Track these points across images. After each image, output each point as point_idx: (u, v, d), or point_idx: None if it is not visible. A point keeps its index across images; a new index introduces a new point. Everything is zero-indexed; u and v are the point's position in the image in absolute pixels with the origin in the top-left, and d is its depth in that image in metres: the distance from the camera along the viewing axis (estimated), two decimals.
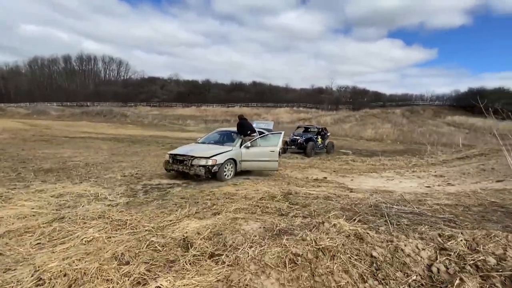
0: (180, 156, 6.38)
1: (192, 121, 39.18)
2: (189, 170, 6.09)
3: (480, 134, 36.08)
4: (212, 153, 6.26)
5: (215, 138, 7.88)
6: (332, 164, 9.35)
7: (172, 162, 6.47)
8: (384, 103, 59.31)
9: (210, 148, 6.75)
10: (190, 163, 6.11)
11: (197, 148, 6.82)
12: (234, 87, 70.32)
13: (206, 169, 6.00)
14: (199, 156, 6.18)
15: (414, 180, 6.56)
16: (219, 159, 6.17)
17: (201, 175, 6.01)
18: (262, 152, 6.85)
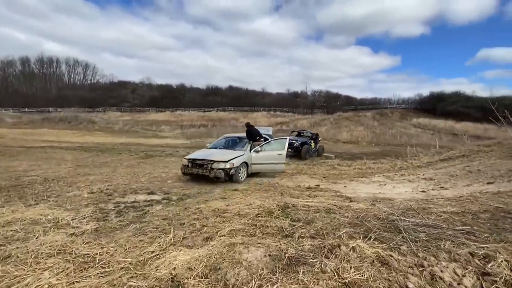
0: (199, 161, 6.85)
1: (166, 126, 37.57)
2: (209, 173, 6.60)
3: (444, 134, 38.61)
4: (229, 157, 6.80)
5: (224, 143, 8.47)
6: (319, 169, 9.07)
7: (192, 166, 6.90)
8: (355, 106, 61.72)
9: (225, 153, 7.22)
10: (210, 167, 6.62)
11: (213, 152, 7.29)
12: (210, 92, 69.23)
13: (225, 172, 6.53)
14: (218, 160, 6.69)
15: (406, 184, 6.41)
16: (235, 163, 6.73)
17: (221, 177, 6.52)
18: (270, 155, 7.52)
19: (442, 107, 50.60)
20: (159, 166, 9.30)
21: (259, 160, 7.42)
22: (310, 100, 62.06)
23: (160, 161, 10.55)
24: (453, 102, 51.32)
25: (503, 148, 7.58)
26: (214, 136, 28.38)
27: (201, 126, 36.61)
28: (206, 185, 6.42)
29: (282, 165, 7.61)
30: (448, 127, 42.70)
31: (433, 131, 40.51)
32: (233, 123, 41.57)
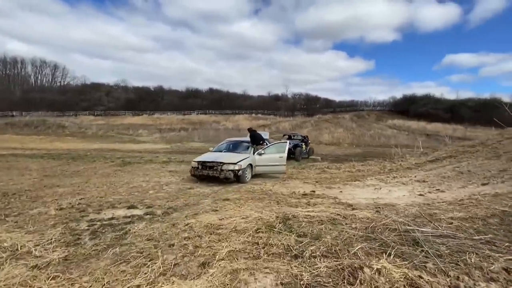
0: (209, 163, 7.24)
1: (144, 130, 35.98)
2: (219, 174, 7.01)
3: (418, 135, 40.37)
4: (237, 160, 7.24)
5: (226, 147, 8.81)
6: (309, 173, 8.81)
7: (202, 168, 7.26)
8: (334, 109, 63.09)
9: (233, 156, 7.69)
10: (220, 168, 7.02)
11: (221, 155, 7.73)
12: (190, 94, 67.71)
13: (234, 173, 6.96)
14: (228, 162, 7.10)
15: (401, 187, 6.28)
16: (243, 164, 7.16)
17: (230, 178, 6.95)
18: (272, 158, 8.04)
19: (414, 109, 52.95)
20: (138, 174, 8.57)
21: (262, 162, 7.98)
22: (291, 102, 62.64)
23: (139, 168, 9.79)
24: (424, 104, 53.91)
25: (488, 148, 7.75)
26: (195, 139, 27.54)
27: (181, 129, 35.44)
28: (193, 195, 5.88)
29: (283, 166, 8.14)
30: (420, 128, 44.63)
31: (408, 132, 42.18)
32: (214, 126, 40.77)
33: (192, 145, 21.81)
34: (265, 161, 8.00)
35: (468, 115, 46.93)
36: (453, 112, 49.02)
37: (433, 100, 55.60)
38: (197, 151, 17.28)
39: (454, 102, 54.96)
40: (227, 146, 8.92)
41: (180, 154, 15.58)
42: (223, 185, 6.82)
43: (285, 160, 8.15)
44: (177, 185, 6.87)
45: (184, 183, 7.14)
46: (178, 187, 6.69)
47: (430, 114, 49.17)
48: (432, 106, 52.30)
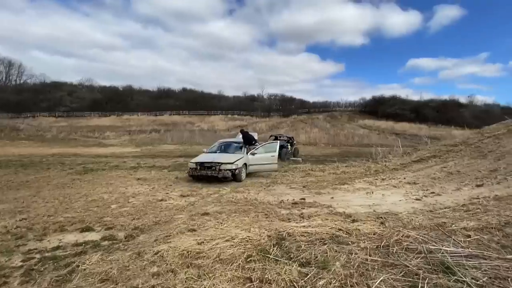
0: (208, 163, 7.52)
1: (112, 132, 33.53)
2: (218, 174, 7.29)
3: (388, 134, 42.08)
4: (234, 160, 7.61)
5: (219, 148, 9.14)
6: (294, 176, 8.25)
7: (200, 168, 7.52)
8: (308, 110, 64.01)
9: (229, 156, 8.03)
10: (218, 168, 7.31)
11: (218, 156, 8.07)
12: (162, 94, 64.90)
13: (232, 172, 7.30)
14: (225, 162, 7.46)
15: (393, 191, 5.91)
16: (239, 164, 7.54)
17: (228, 177, 7.28)
18: (265, 157, 8.51)
19: (383, 109, 55.23)
20: (100, 183, 7.42)
21: (256, 162, 8.37)
22: (267, 103, 62.52)
23: (102, 176, 8.58)
24: (391, 105, 56.42)
25: (471, 147, 7.74)
26: (168, 142, 26.00)
27: (152, 131, 33.51)
28: (164, 209, 5.00)
29: (275, 165, 8.66)
30: (389, 127, 46.59)
31: (378, 131, 43.80)
32: (189, 127, 39.21)
33: (165, 147, 20.45)
34: (258, 160, 8.43)
35: (431, 115, 49.97)
36: (417, 112, 51.83)
37: (399, 101, 58.42)
38: (170, 154, 16.11)
39: (418, 103, 58.22)
40: (220, 147, 9.26)
41: (150, 158, 14.33)
42: (200, 196, 5.99)
43: (276, 159, 8.73)
44: (146, 197, 5.92)
45: (155, 194, 6.20)
46: (147, 199, 5.75)
47: (397, 114, 51.59)
48: (399, 107, 54.90)
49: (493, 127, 8.88)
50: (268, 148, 8.83)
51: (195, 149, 19.28)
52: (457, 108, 52.76)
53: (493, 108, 55.82)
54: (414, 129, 45.12)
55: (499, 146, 7.08)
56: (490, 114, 49.75)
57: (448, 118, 46.79)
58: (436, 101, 56.68)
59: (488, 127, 9.08)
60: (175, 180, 7.83)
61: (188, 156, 15.26)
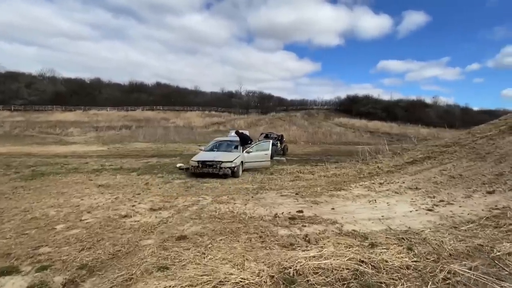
0: (209, 162, 8.04)
1: (76, 129, 30.65)
2: (219, 171, 7.86)
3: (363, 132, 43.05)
4: (233, 158, 8.18)
5: (217, 146, 9.74)
6: (282, 180, 7.41)
7: (202, 166, 8.06)
8: (286, 107, 64.10)
9: (227, 154, 8.60)
10: (219, 166, 7.88)
11: (218, 155, 8.58)
12: (134, 88, 61.22)
13: (231, 170, 7.85)
14: (225, 160, 8.01)
15: (397, 198, 5.28)
16: (237, 162, 8.13)
17: (228, 174, 7.83)
18: (259, 155, 9.23)
19: (357, 108, 56.82)
20: (49, 193, 6.04)
21: (251, 159, 9.06)
22: (245, 100, 61.51)
23: (55, 182, 7.14)
24: (365, 104, 58.20)
25: (465, 148, 7.43)
26: (140, 139, 24.06)
27: (123, 127, 31.11)
28: (128, 230, 3.89)
29: (268, 162, 9.48)
30: (363, 126, 47.81)
31: (353, 130, 44.70)
32: (163, 124, 37.12)
33: (136, 145, 18.72)
34: (253, 158, 9.14)
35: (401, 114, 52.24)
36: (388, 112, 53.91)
37: (372, 101, 60.43)
38: (141, 154, 14.61)
39: (389, 102, 60.65)
40: (218, 145, 9.86)
41: (118, 158, 12.78)
42: (175, 209, 4.92)
43: (269, 157, 9.52)
44: (106, 212, 4.73)
45: (118, 207, 5.02)
46: (107, 214, 4.57)
47: (370, 113, 53.29)
48: (371, 106, 56.72)
49: (482, 127, 8.73)
50: (261, 146, 9.63)
51: (170, 148, 17.83)
52: (423, 108, 55.68)
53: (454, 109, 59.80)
54: (385, 127, 46.69)
55: (496, 148, 6.80)
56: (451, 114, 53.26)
57: (416, 117, 49.09)
58: (404, 101, 59.34)
59: (478, 127, 8.92)
60: (144, 187, 6.64)
61: (162, 156, 13.89)
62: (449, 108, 60.17)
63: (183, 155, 14.29)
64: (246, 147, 9.30)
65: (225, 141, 10.15)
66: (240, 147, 9.31)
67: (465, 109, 60.28)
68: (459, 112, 56.89)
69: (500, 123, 8.36)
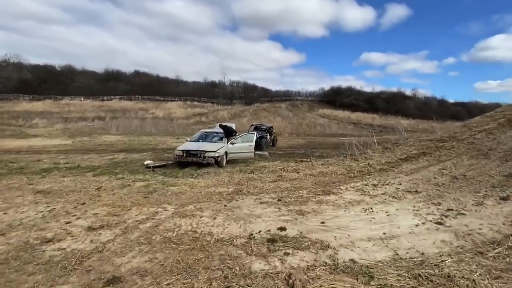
0: (193, 151, 8.42)
1: (43, 120, 28.15)
2: (203, 160, 8.27)
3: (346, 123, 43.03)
4: (216, 148, 8.58)
5: (202, 137, 9.99)
6: (263, 181, 6.43)
7: (186, 155, 8.41)
8: (271, 98, 63.09)
9: (212, 145, 9.02)
10: (203, 156, 8.29)
11: (202, 145, 8.97)
12: (110, 77, 57.68)
13: (215, 159, 8.30)
14: (209, 150, 8.41)
15: (396, 205, 4.46)
16: (221, 152, 8.53)
17: (212, 163, 8.27)
18: (242, 146, 9.54)
19: (340, 99, 56.99)
20: None
21: (235, 150, 9.29)
22: (229, 90, 59.75)
23: None
24: (348, 95, 58.49)
25: (463, 144, 6.78)
26: (112, 131, 22.18)
27: (95, 118, 28.94)
28: (44, 266, 2.77)
29: (251, 153, 9.68)
30: (346, 117, 47.80)
31: (337, 121, 44.58)
32: (141, 115, 35.07)
33: (106, 139, 17.08)
34: (236, 149, 9.41)
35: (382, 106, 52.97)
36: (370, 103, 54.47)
37: (355, 92, 60.79)
38: (109, 148, 13.15)
39: (371, 94, 61.34)
40: (204, 136, 10.07)
41: (81, 153, 11.32)
42: (121, 227, 3.82)
43: (253, 148, 9.75)
44: (27, 232, 3.55)
45: (47, 224, 3.84)
46: (26, 237, 3.40)
47: (353, 104, 53.62)
48: (354, 97, 57.06)
49: (478, 120, 8.17)
50: (246, 138, 9.88)
51: (143, 141, 16.38)
52: (403, 100, 56.70)
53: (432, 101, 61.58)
54: (368, 118, 47.00)
55: (498, 144, 6.18)
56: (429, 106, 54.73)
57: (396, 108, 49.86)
58: (386, 93, 60.12)
59: (473, 120, 8.36)
60: (94, 194, 5.44)
61: (132, 151, 12.52)
62: (427, 100, 61.79)
63: (156, 150, 12.99)
64: (231, 139, 9.61)
65: (211, 132, 10.41)
66: (224, 139, 9.56)
67: (442, 101, 62.24)
68: (436, 104, 58.58)
69: (497, 116, 7.81)
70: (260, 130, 16.05)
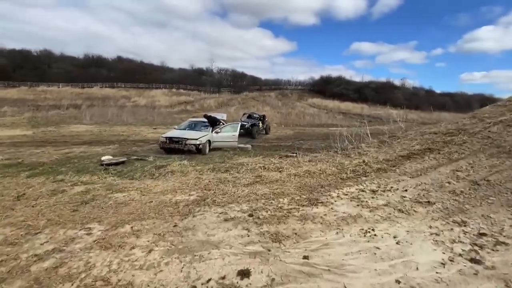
0: (176, 138, 8.90)
1: (13, 108, 25.91)
2: (184, 147, 8.68)
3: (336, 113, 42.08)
4: (198, 136, 9.03)
5: (189, 125, 10.52)
6: (237, 184, 5.18)
7: (169, 142, 8.90)
8: (260, 87, 61.47)
9: (194, 133, 9.40)
10: (184, 143, 8.73)
11: (186, 132, 9.41)
12: (92, 63, 54.48)
13: (196, 147, 8.69)
14: (190, 138, 8.86)
15: (405, 224, 3.32)
16: (203, 140, 8.92)
17: (193, 150, 8.66)
18: (227, 136, 9.98)
19: (330, 89, 56.26)
20: None
21: (218, 139, 9.75)
22: (217, 78, 57.55)
23: None
24: (337, 85, 57.76)
25: (477, 138, 5.70)
26: (85, 121, 20.23)
27: (70, 106, 26.84)
28: None
29: (235, 142, 9.97)
30: (335, 107, 46.95)
31: (326, 110, 43.60)
32: (122, 103, 32.98)
33: (74, 129, 15.39)
34: (220, 138, 9.76)
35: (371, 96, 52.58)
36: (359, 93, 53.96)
37: (344, 82, 60.14)
38: (72, 140, 11.59)
39: (360, 84, 60.86)
40: (190, 124, 10.54)
41: (36, 146, 9.78)
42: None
43: (236, 138, 10.08)
44: None
45: None
46: None
47: (343, 94, 52.96)
48: (344, 87, 56.38)
49: (488, 110, 7.11)
50: (230, 128, 10.19)
51: (115, 131, 14.79)
52: (392, 90, 56.33)
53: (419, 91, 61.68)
54: (357, 108, 46.33)
55: None
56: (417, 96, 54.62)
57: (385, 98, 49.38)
58: (375, 83, 59.71)
59: (483, 110, 7.31)
60: (9, 205, 4.08)
61: (98, 143, 11.02)
62: (415, 90, 61.73)
63: (126, 142, 11.53)
64: (215, 128, 9.98)
65: (199, 121, 10.77)
66: (210, 128, 9.93)
67: (429, 92, 62.38)
68: (424, 94, 58.53)
69: (510, 104, 6.78)
70: (252, 119, 16.48)
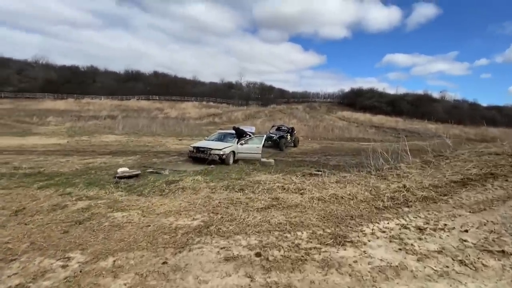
0: (202, 148, 9.47)
1: (58, 117, 28.18)
2: (208, 156, 9.14)
3: (367, 127, 39.60)
4: (222, 147, 9.46)
5: (218, 137, 11.08)
6: (249, 209, 4.48)
7: (196, 151, 9.51)
8: (288, 99, 60.91)
9: (220, 144, 9.90)
10: (209, 153, 9.23)
11: (212, 143, 9.97)
12: (130, 77, 58.45)
13: (219, 157, 9.16)
14: (214, 148, 9.34)
15: (469, 286, 2.39)
16: (226, 151, 9.38)
17: (216, 160, 9.11)
18: (251, 147, 10.35)
19: (360, 101, 53.90)
20: None
21: (243, 150, 10.17)
22: (245, 91, 58.26)
23: None
24: (369, 97, 55.13)
25: None
26: (117, 131, 20.94)
27: (107, 117, 28.48)
28: None
29: (259, 154, 10.30)
30: (367, 120, 44.42)
31: (357, 124, 41.29)
32: (154, 114, 34.40)
33: (104, 139, 15.95)
34: (245, 149, 10.17)
35: (406, 109, 49.16)
36: (393, 106, 50.83)
37: (377, 94, 57.34)
38: (99, 150, 11.82)
39: (394, 96, 57.45)
40: (219, 136, 11.10)
41: (63, 155, 10.04)
42: None
43: (260, 150, 10.34)
44: None
45: None
46: None
47: (375, 107, 50.26)
48: (376, 100, 53.62)
49: None
50: (255, 140, 10.58)
51: (141, 142, 15.00)
52: (430, 102, 52.12)
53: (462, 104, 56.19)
54: (391, 122, 43.38)
55: None
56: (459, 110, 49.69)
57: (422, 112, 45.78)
58: (411, 95, 55.89)
59: None
60: (2, 220, 3.83)
61: (121, 153, 11.09)
62: (457, 103, 56.47)
63: (148, 153, 11.48)
64: (241, 140, 10.37)
65: (228, 133, 11.27)
66: (236, 139, 10.37)
67: (474, 105, 56.53)
68: (467, 108, 53.13)
69: None
70: (281, 131, 16.67)
